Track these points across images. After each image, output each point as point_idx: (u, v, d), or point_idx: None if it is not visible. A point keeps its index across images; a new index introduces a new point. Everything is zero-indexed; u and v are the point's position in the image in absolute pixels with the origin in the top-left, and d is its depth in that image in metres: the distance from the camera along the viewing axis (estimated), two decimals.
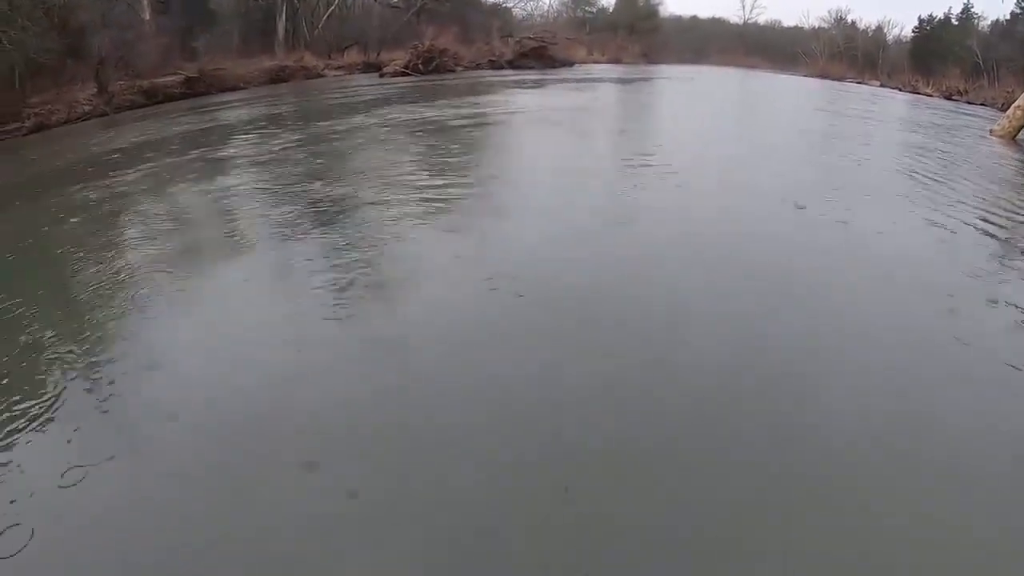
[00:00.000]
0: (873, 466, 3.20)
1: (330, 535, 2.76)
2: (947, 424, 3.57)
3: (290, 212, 7.10)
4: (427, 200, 7.42)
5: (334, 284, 5.18)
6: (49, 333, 4.53)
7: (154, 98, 18.55)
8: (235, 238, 6.40)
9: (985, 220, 7.54)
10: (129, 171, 9.72)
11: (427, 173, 8.78)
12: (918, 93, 32.37)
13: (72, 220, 7.35)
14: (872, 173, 10.07)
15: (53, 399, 3.75)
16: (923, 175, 9.92)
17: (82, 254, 6.13)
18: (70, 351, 4.27)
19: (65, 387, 3.87)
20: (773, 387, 3.88)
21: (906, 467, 3.20)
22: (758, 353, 4.26)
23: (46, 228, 7.13)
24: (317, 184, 8.34)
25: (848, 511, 2.91)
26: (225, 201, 7.81)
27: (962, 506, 2.96)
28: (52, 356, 4.21)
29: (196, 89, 19.59)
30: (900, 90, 33.80)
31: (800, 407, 3.69)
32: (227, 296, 5.10)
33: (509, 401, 3.69)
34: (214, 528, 2.82)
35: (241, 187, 8.45)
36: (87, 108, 17.22)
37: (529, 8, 38.16)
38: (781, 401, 3.74)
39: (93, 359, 4.19)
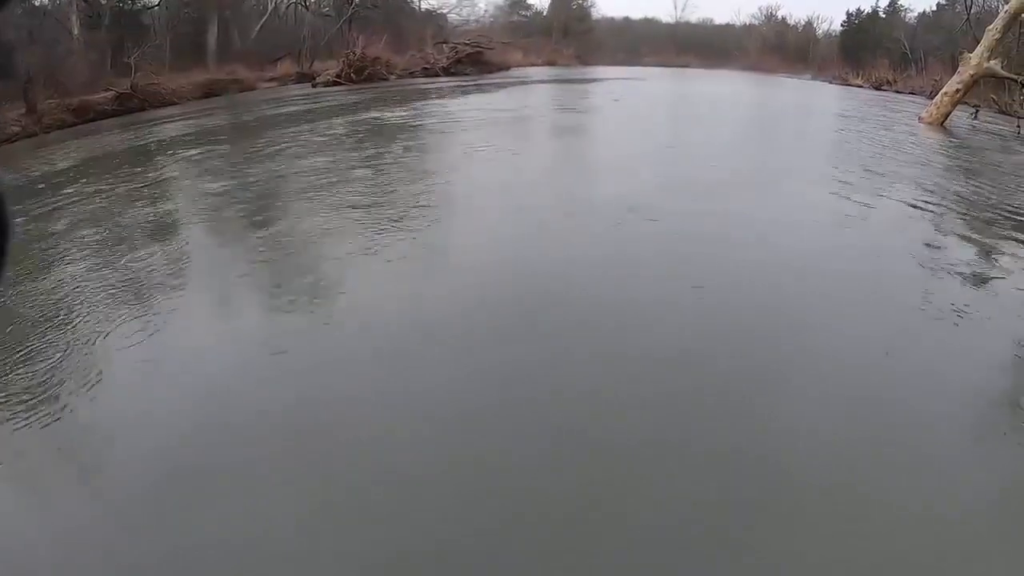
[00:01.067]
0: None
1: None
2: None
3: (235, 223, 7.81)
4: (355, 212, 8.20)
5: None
6: None
7: (85, 116, 18.64)
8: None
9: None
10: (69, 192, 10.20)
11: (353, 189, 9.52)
12: (848, 84, 33.92)
13: None
14: (808, 159, 11.42)
15: None
16: (858, 161, 11.27)
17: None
18: None
19: None
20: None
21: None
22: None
23: None
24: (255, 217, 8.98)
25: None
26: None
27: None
28: None
29: (128, 106, 19.73)
30: (831, 82, 35.37)
31: None
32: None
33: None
34: None
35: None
36: (16, 129, 17.28)
37: (464, 14, 38.74)
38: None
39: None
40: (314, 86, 24.62)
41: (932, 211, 8.70)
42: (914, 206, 8.82)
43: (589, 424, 4.01)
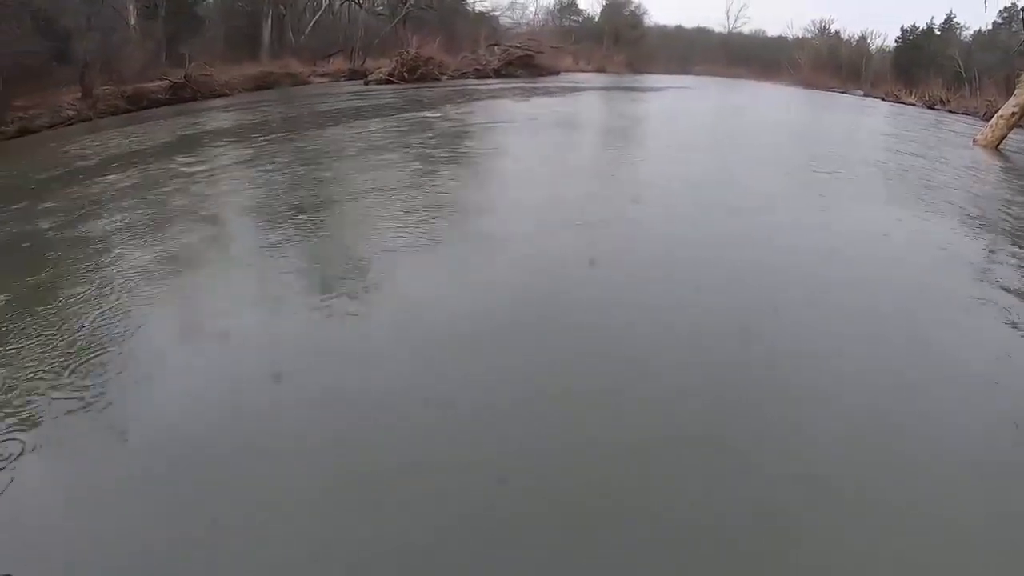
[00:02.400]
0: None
1: None
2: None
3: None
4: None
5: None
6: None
7: (139, 103, 18.56)
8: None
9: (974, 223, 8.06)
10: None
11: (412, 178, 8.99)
12: (901, 102, 32.80)
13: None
14: (865, 182, 10.51)
15: None
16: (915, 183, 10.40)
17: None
18: None
19: None
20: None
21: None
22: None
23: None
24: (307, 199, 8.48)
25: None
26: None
27: None
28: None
29: (181, 95, 19.62)
30: (883, 99, 34.26)
31: None
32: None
33: None
34: None
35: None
36: (71, 113, 17.23)
37: (515, 17, 38.37)
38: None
39: None
40: (366, 83, 24.33)
41: (988, 237, 7.83)
42: (970, 235, 7.95)
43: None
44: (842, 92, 38.36)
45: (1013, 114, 15.66)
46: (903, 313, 5.44)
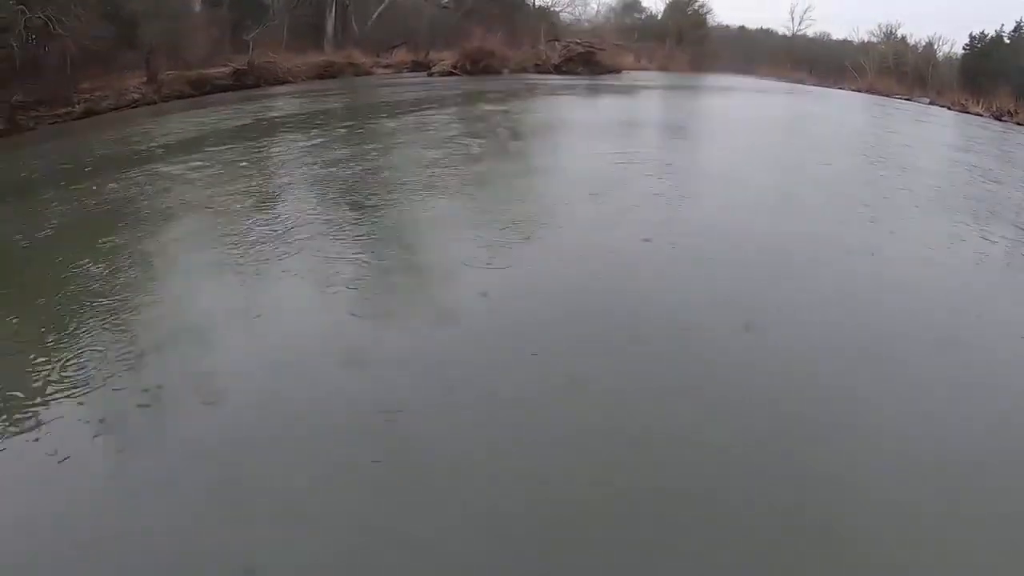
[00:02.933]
0: None
1: None
2: None
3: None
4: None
5: None
6: None
7: (202, 89, 18.36)
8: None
9: None
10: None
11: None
12: (967, 112, 31.20)
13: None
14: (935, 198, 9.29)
15: None
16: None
17: None
18: None
19: None
20: None
21: None
22: None
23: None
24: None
25: None
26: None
27: None
28: None
29: (244, 82, 19.37)
30: (949, 108, 32.64)
31: None
32: None
33: None
34: None
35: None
36: (136, 96, 17.09)
37: (577, 13, 37.52)
38: None
39: None
40: (430, 75, 23.81)
41: None
42: None
43: None
44: (906, 99, 36.67)
45: None
46: None
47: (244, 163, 9.10)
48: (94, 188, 7.93)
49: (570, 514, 2.85)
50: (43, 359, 3.96)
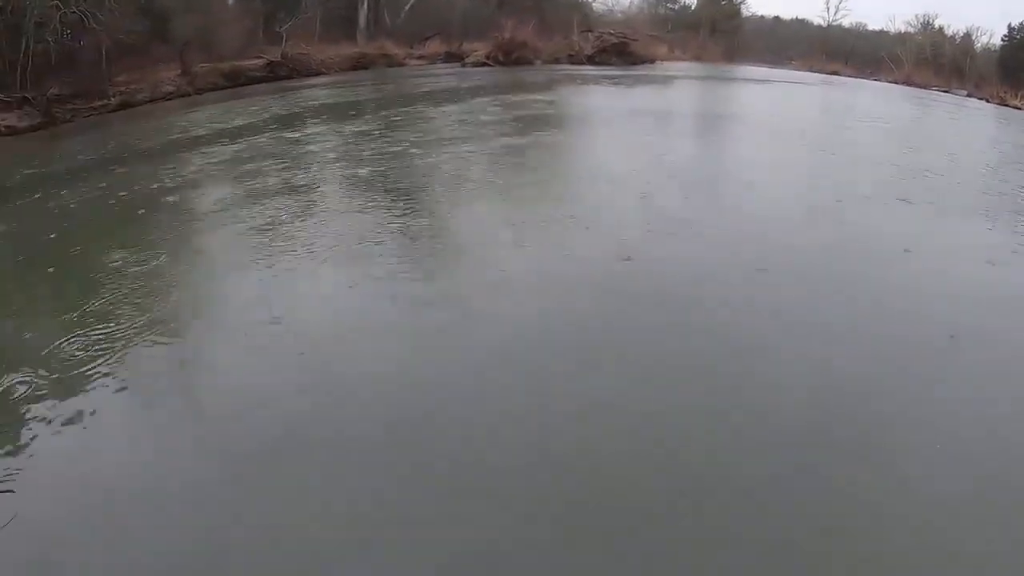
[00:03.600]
0: None
1: None
2: None
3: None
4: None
5: None
6: None
7: (236, 81, 18.21)
8: None
9: None
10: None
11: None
12: (1006, 105, 30.19)
13: None
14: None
15: None
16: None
17: None
18: None
19: None
20: None
21: None
22: None
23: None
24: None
25: None
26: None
27: None
28: None
29: (278, 73, 19.21)
30: (988, 101, 31.61)
31: None
32: None
33: None
34: None
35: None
36: (170, 88, 16.99)
37: (610, 3, 36.88)
38: None
39: None
40: (463, 66, 23.47)
41: None
42: None
43: None
44: (943, 91, 35.57)
45: None
46: None
47: (280, 154, 8.80)
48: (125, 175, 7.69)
49: None
50: None
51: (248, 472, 2.91)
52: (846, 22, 47.76)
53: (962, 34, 42.67)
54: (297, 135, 10.17)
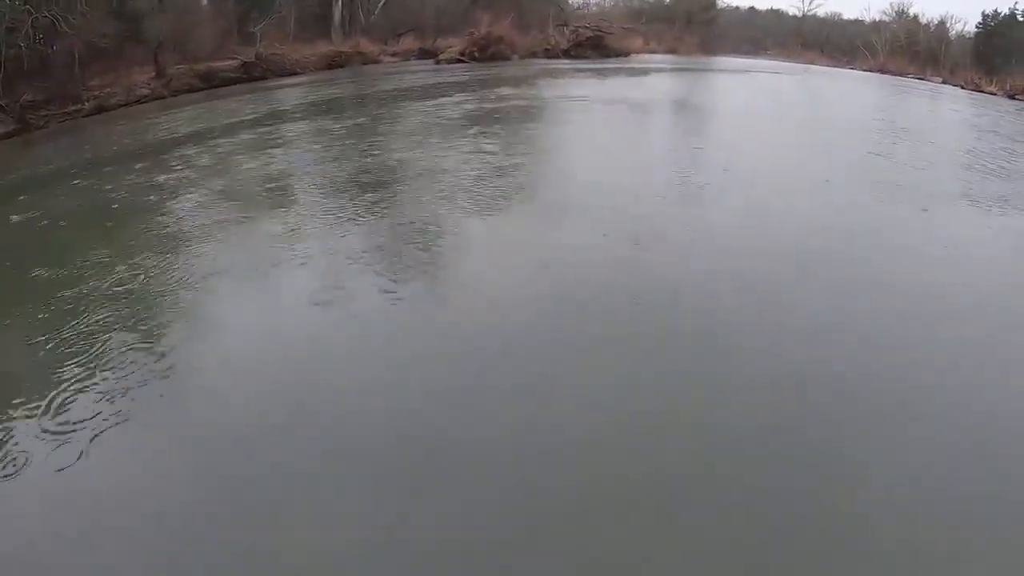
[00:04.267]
0: None
1: None
2: None
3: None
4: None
5: None
6: None
7: (211, 82, 18.25)
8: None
9: None
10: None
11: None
12: (981, 91, 30.72)
13: None
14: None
15: None
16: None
17: None
18: None
19: None
20: None
21: None
22: None
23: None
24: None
25: None
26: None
27: None
28: None
29: (252, 74, 19.25)
30: (962, 87, 32.16)
31: None
32: None
33: None
34: None
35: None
36: (145, 91, 17.04)
37: None
38: None
39: None
40: (437, 62, 23.56)
41: None
42: None
43: None
44: (919, 79, 36.10)
45: None
46: None
47: (254, 155, 8.96)
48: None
49: None
50: None
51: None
52: (821, 12, 48.26)
53: (936, 22, 43.19)
54: (271, 136, 10.30)
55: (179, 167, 8.36)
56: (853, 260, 5.28)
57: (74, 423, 3.40)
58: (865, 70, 38.54)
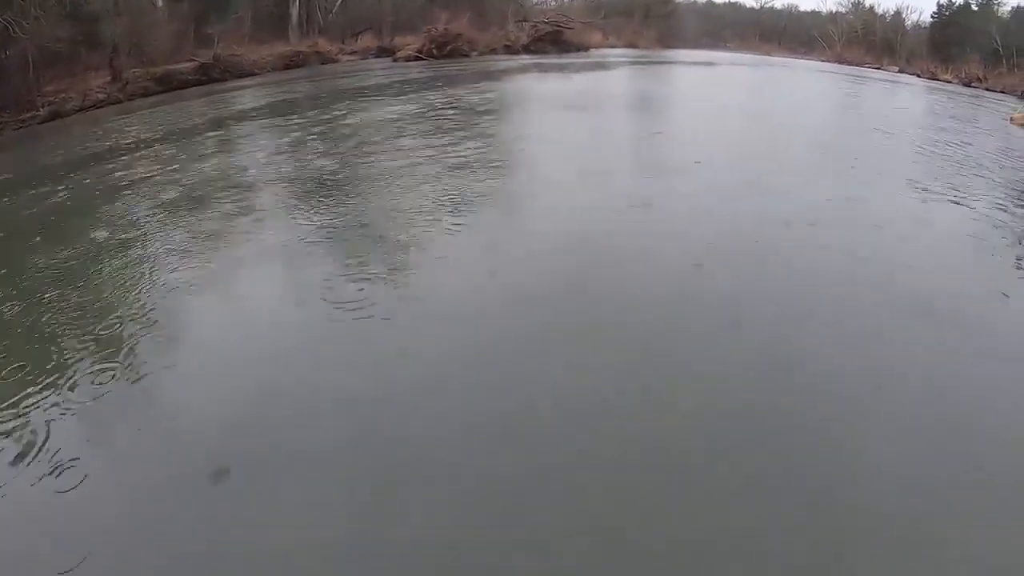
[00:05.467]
0: None
1: None
2: None
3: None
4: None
5: None
6: None
7: (168, 85, 18.30)
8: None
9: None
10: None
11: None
12: (936, 79, 31.62)
13: None
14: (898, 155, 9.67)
15: None
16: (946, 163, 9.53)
17: None
18: None
19: None
20: None
21: None
22: None
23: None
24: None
25: None
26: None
27: None
28: None
29: (210, 75, 19.33)
30: (919, 76, 33.07)
31: None
32: None
33: None
34: None
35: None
36: (101, 96, 17.03)
37: None
38: None
39: None
40: (395, 60, 23.82)
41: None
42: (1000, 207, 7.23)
43: None
44: (876, 68, 37.04)
45: None
46: None
47: (208, 159, 9.22)
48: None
49: None
50: None
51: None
52: (778, 4, 49.02)
53: (893, 12, 44.21)
54: (225, 139, 10.56)
55: (130, 172, 8.56)
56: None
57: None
58: (822, 61, 39.48)
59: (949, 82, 30.47)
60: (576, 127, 11.33)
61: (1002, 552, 2.71)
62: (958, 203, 7.35)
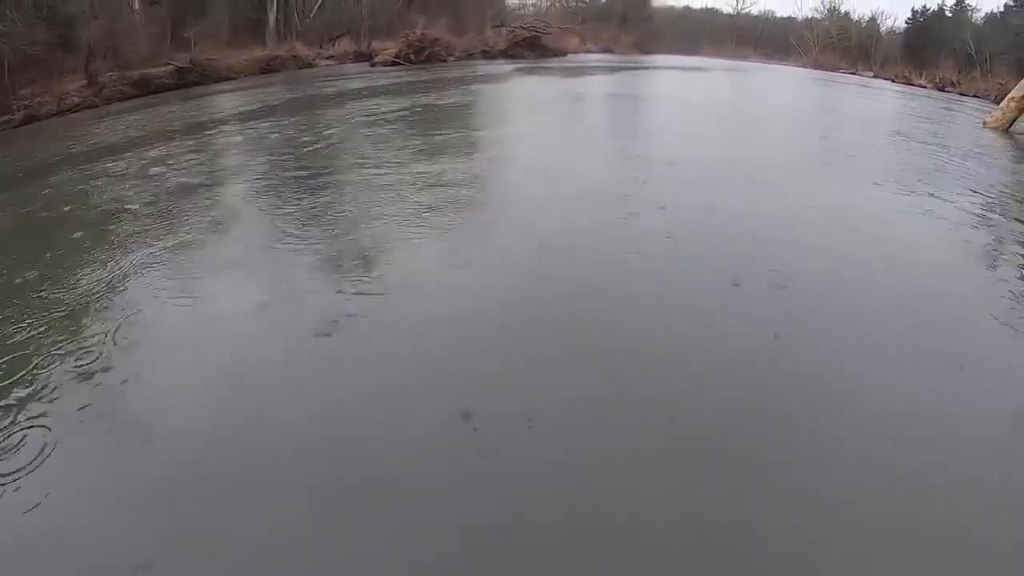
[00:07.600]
0: None
1: None
2: None
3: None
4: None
5: None
6: None
7: (145, 89, 18.39)
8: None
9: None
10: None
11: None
12: (911, 84, 32.18)
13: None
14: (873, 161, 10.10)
15: None
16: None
17: None
18: None
19: None
20: None
21: None
22: None
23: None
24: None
25: None
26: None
27: None
28: None
29: (187, 79, 19.42)
30: (893, 81, 33.68)
31: None
32: None
33: None
34: None
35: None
36: (77, 100, 17.08)
37: None
38: None
39: None
40: (372, 65, 24.01)
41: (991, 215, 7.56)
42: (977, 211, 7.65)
43: None
44: (851, 73, 37.72)
45: None
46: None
47: (182, 165, 9.39)
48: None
49: None
50: None
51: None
52: (755, 10, 49.65)
53: (868, 18, 44.96)
54: (202, 144, 10.69)
55: (102, 178, 8.71)
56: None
57: None
58: (798, 66, 40.12)
59: (923, 87, 31.08)
60: (552, 127, 11.71)
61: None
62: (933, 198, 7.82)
